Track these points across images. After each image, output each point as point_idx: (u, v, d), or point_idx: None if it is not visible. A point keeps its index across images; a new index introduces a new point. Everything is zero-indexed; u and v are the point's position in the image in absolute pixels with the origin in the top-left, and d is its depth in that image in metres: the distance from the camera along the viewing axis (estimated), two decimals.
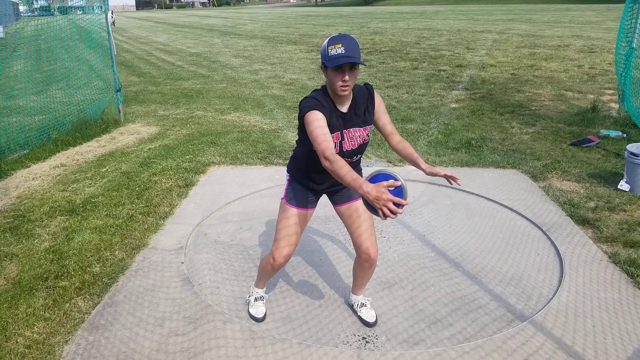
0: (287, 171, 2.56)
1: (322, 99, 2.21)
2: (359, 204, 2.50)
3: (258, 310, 2.80)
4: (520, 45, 15.03)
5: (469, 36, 18.22)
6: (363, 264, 2.55)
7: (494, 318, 2.74)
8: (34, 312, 2.83)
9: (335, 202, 2.56)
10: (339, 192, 2.54)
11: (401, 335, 2.61)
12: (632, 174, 4.35)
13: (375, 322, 2.72)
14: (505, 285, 3.06)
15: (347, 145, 2.28)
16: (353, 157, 2.36)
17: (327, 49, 2.09)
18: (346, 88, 2.13)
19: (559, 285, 3.02)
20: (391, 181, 1.88)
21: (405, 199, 1.85)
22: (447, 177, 2.16)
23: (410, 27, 22.54)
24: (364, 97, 2.30)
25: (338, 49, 2.06)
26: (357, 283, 2.75)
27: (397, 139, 2.37)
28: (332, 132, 2.22)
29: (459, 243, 3.60)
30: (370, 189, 1.81)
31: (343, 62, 2.04)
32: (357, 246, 2.51)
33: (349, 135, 2.28)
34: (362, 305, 2.79)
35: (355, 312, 2.80)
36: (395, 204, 1.78)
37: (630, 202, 4.16)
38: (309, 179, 2.46)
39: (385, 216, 1.79)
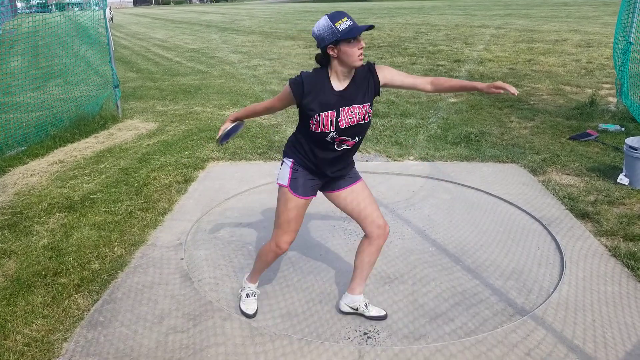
0: (287, 156, 2.48)
1: (318, 76, 2.27)
2: (358, 186, 2.52)
3: (249, 306, 2.77)
4: (518, 40, 15.00)
5: (467, 31, 18.19)
6: (378, 242, 2.51)
7: (494, 312, 2.74)
8: (32, 310, 2.82)
9: (338, 187, 2.52)
10: (344, 177, 2.52)
11: (402, 331, 2.60)
12: (631, 167, 4.34)
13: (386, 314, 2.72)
14: (506, 279, 3.06)
15: (343, 122, 2.28)
16: (354, 137, 2.35)
17: (335, 26, 2.13)
18: (362, 56, 2.21)
19: (560, 279, 3.02)
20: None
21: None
22: (502, 88, 2.16)
23: (408, 22, 22.49)
24: (365, 74, 2.30)
25: (347, 22, 2.14)
26: (362, 275, 2.64)
27: (424, 81, 2.37)
28: (326, 110, 2.26)
29: (459, 237, 3.60)
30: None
31: (362, 29, 2.14)
32: (369, 224, 2.50)
33: (346, 112, 2.28)
34: (368, 304, 2.70)
35: (362, 314, 2.69)
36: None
37: (629, 196, 4.15)
38: (317, 163, 2.40)
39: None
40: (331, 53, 2.19)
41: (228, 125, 2.59)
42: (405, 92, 8.58)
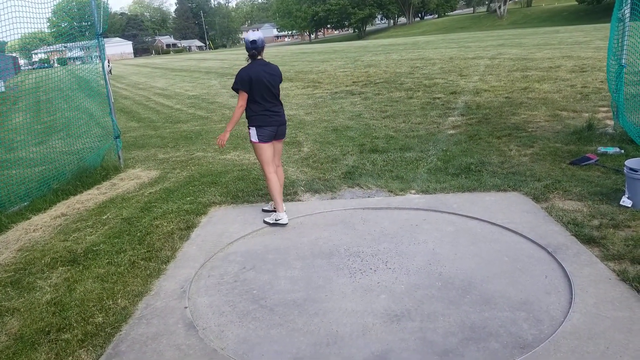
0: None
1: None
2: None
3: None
4: (512, 69, 15.24)
5: (462, 63, 18.52)
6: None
7: (504, 345, 2.68)
8: None
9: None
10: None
11: None
12: (633, 189, 4.33)
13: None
14: (515, 310, 3.00)
15: None
16: None
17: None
18: None
19: (570, 307, 2.96)
20: None
21: None
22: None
23: (403, 58, 22.94)
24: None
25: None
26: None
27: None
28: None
29: (465, 270, 3.55)
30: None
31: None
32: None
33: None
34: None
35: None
36: None
37: (634, 218, 4.12)
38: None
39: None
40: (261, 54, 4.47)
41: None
42: (404, 126, 8.67)
